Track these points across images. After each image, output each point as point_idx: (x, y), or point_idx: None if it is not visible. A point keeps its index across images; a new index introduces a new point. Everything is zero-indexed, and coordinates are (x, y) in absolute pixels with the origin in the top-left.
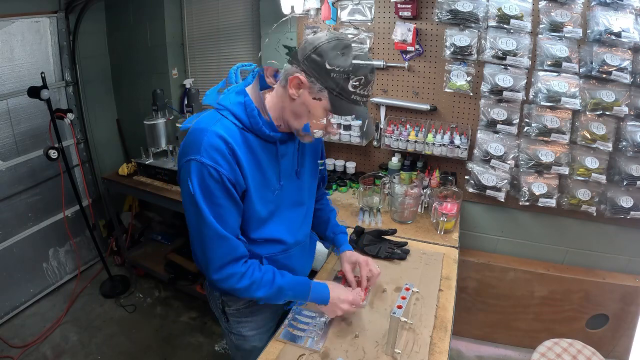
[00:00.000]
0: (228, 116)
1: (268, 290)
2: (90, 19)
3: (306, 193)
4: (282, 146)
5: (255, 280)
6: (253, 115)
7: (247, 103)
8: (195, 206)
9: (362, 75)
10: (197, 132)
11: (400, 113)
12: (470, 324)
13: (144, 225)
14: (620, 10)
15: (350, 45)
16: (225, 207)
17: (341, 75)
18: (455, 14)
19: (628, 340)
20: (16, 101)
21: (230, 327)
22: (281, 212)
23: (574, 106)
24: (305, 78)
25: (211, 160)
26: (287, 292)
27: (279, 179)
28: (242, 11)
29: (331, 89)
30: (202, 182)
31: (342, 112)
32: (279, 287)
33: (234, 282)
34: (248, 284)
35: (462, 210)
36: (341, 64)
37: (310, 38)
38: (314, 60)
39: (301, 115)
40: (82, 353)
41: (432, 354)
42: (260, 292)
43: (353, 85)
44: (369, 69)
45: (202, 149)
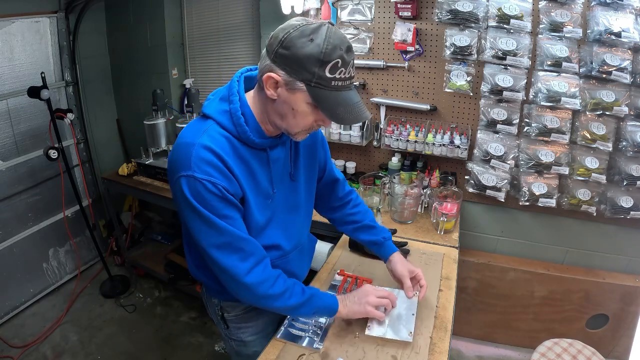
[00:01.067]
0: (213, 125)
1: (300, 298)
2: (90, 19)
3: (303, 195)
4: (272, 152)
5: (288, 287)
6: (240, 124)
7: (233, 111)
8: (203, 219)
9: (338, 57)
10: (183, 146)
11: (400, 113)
12: (470, 324)
13: (144, 225)
14: (620, 10)
15: (317, 28)
16: (231, 216)
17: (314, 62)
18: (455, 14)
19: (628, 340)
20: (16, 101)
21: (230, 333)
22: (277, 218)
23: (574, 106)
24: (279, 75)
25: (204, 174)
26: (317, 300)
27: (272, 185)
28: (242, 11)
29: (308, 80)
30: (200, 198)
31: (325, 103)
32: (311, 294)
33: (268, 286)
34: (282, 291)
35: (462, 210)
36: (311, 51)
37: (275, 31)
38: (283, 54)
39: (286, 114)
40: (82, 353)
41: (432, 354)
42: (293, 299)
43: (330, 71)
44: (344, 48)
45: (192, 163)
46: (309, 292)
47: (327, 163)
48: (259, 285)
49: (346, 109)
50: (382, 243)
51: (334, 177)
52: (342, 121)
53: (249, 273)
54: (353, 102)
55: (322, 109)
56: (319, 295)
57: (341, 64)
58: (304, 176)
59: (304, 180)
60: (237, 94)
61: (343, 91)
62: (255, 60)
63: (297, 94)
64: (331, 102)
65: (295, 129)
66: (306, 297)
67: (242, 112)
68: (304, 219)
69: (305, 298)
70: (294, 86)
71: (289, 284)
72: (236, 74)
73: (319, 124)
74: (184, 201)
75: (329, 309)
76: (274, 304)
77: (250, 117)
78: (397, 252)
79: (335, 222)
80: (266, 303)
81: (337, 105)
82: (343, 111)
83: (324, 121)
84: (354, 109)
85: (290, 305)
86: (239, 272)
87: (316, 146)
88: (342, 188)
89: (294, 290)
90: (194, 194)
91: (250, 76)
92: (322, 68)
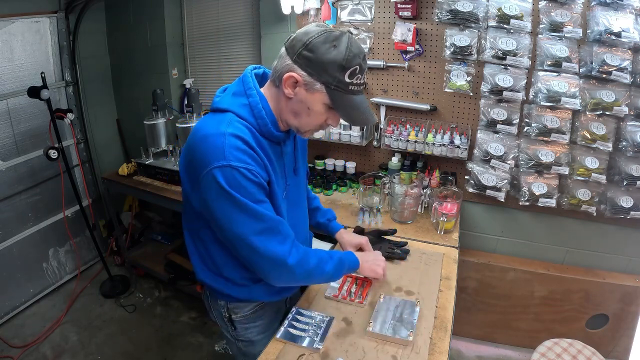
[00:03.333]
0: (234, 117)
1: (332, 264)
2: (90, 19)
3: (303, 189)
4: (284, 146)
5: (319, 257)
6: (261, 117)
7: (253, 104)
8: (242, 208)
9: (357, 64)
10: (212, 137)
11: (400, 113)
12: (470, 324)
13: (144, 225)
14: (620, 10)
15: (339, 37)
16: (266, 201)
17: (336, 68)
18: (455, 14)
19: (628, 340)
20: (16, 101)
21: (237, 334)
22: (290, 212)
23: (574, 106)
24: (300, 76)
25: (240, 162)
26: (345, 260)
27: (285, 178)
28: (242, 11)
29: (328, 83)
30: (238, 186)
31: (342, 104)
32: (339, 258)
33: (306, 262)
34: (317, 262)
35: (462, 210)
36: (335, 57)
37: (298, 34)
38: (306, 56)
39: (300, 112)
40: (82, 353)
41: (432, 354)
42: (327, 266)
43: (349, 76)
44: (362, 56)
45: (226, 153)
46: (337, 255)
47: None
48: (301, 263)
49: (359, 111)
50: (328, 224)
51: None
52: (354, 122)
53: (290, 254)
54: (364, 105)
55: (339, 110)
56: (344, 255)
57: (359, 70)
58: (302, 171)
59: (303, 175)
60: (253, 88)
61: (357, 95)
62: (255, 60)
63: (315, 95)
64: (347, 104)
65: (306, 127)
66: (336, 260)
67: (262, 106)
68: (305, 213)
69: (336, 262)
70: (313, 87)
71: (318, 254)
72: (247, 70)
73: (328, 123)
74: (219, 193)
75: (355, 264)
76: (314, 276)
77: (268, 110)
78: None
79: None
80: (309, 278)
81: (352, 108)
82: (357, 114)
83: (334, 121)
84: (365, 112)
85: (327, 272)
86: (283, 255)
87: (306, 143)
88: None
89: (324, 258)
90: (233, 183)
91: (257, 74)
92: (343, 73)
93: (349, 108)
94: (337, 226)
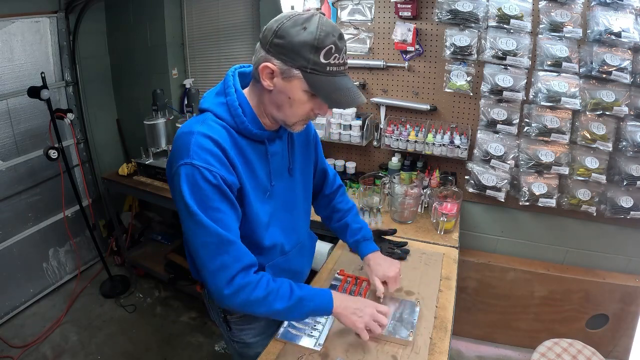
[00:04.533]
0: (210, 116)
1: (287, 302)
2: (90, 19)
3: (300, 191)
4: (271, 145)
5: (271, 290)
6: (237, 114)
7: (230, 102)
8: (191, 214)
9: (331, 43)
10: (183, 136)
11: (400, 113)
12: (470, 324)
13: (144, 225)
14: (620, 10)
15: (309, 18)
16: (224, 211)
17: (308, 49)
18: (455, 14)
19: (628, 340)
20: (16, 101)
21: (232, 335)
22: (277, 215)
23: (574, 106)
24: (275, 65)
25: (202, 162)
26: (308, 303)
27: (270, 179)
28: (242, 11)
29: (303, 67)
30: (195, 186)
31: (322, 88)
32: (299, 297)
33: (248, 292)
34: (264, 295)
35: (462, 210)
36: (305, 38)
37: (269, 24)
38: (277, 44)
39: (282, 104)
40: (82, 353)
41: (432, 354)
42: (278, 303)
43: (324, 56)
44: (337, 34)
45: (190, 151)
46: (298, 295)
47: (320, 159)
48: (237, 293)
49: (342, 93)
50: (356, 246)
51: (325, 174)
52: (339, 105)
53: (230, 283)
54: (348, 86)
55: (319, 93)
56: (310, 296)
57: (334, 49)
58: (301, 172)
59: (301, 176)
60: (232, 87)
61: (338, 77)
62: None
63: (293, 82)
64: (327, 87)
65: (292, 119)
66: (294, 300)
67: (239, 104)
68: (302, 216)
69: (293, 302)
70: (290, 74)
71: (272, 287)
72: (230, 70)
73: (316, 112)
74: (179, 194)
75: (323, 310)
76: (258, 310)
77: (247, 108)
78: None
79: (324, 220)
80: (249, 309)
81: (334, 89)
82: (339, 95)
83: (320, 109)
84: (349, 93)
85: (277, 310)
86: (219, 281)
87: (310, 143)
88: (330, 185)
89: (280, 294)
90: (191, 182)
91: (244, 72)
92: (317, 54)
93: (331, 90)
94: (365, 249)
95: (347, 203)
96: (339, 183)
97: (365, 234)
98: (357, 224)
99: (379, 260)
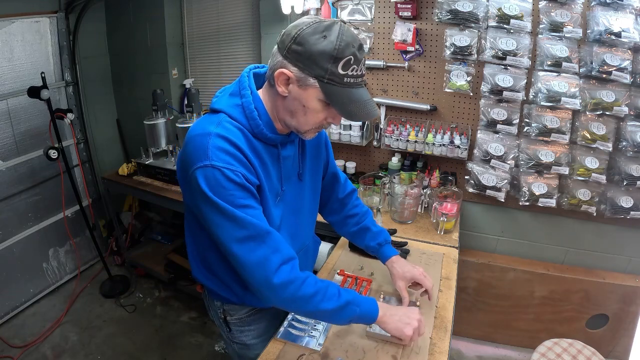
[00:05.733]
0: (225, 118)
1: (335, 303)
2: (90, 19)
3: (308, 196)
4: (283, 149)
5: (320, 289)
6: (253, 117)
7: (246, 105)
8: (221, 210)
9: (350, 54)
10: (198, 137)
11: (400, 113)
12: (470, 324)
13: (144, 225)
14: (620, 10)
15: (330, 26)
16: (252, 206)
17: (327, 59)
18: (455, 14)
19: (628, 340)
20: (16, 101)
21: (232, 336)
22: (285, 219)
23: (574, 106)
24: (291, 72)
25: (223, 162)
26: (355, 308)
27: (281, 183)
28: (242, 11)
29: (320, 77)
30: (218, 186)
31: (337, 99)
32: (347, 301)
33: (296, 287)
34: (312, 292)
35: (462, 210)
36: (325, 47)
37: (288, 28)
38: (295, 50)
39: (296, 111)
40: (82, 353)
41: (432, 354)
42: (326, 304)
43: (343, 67)
44: (356, 45)
45: (209, 153)
46: (346, 298)
47: (330, 163)
48: (286, 286)
49: (357, 105)
50: (378, 249)
51: (336, 178)
52: (353, 117)
53: (277, 272)
54: (364, 99)
55: (334, 104)
56: (357, 301)
57: (353, 61)
58: (310, 177)
59: (310, 180)
60: (248, 88)
61: (354, 88)
62: (255, 60)
63: (309, 90)
64: (343, 98)
65: (305, 127)
66: (342, 303)
67: (255, 106)
68: (309, 220)
69: (341, 304)
70: (306, 82)
71: (320, 286)
72: (245, 70)
73: (329, 121)
74: (201, 195)
75: (368, 316)
76: (305, 307)
77: (262, 111)
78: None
79: (335, 225)
80: (296, 306)
81: (349, 101)
82: (354, 108)
83: (334, 119)
84: (365, 106)
85: (324, 310)
86: (267, 271)
87: (321, 146)
88: (342, 189)
89: (327, 294)
90: (212, 184)
91: (258, 73)
92: (335, 64)
93: (346, 102)
94: (388, 252)
95: (362, 207)
96: (352, 187)
97: (386, 237)
98: (377, 227)
99: (402, 262)
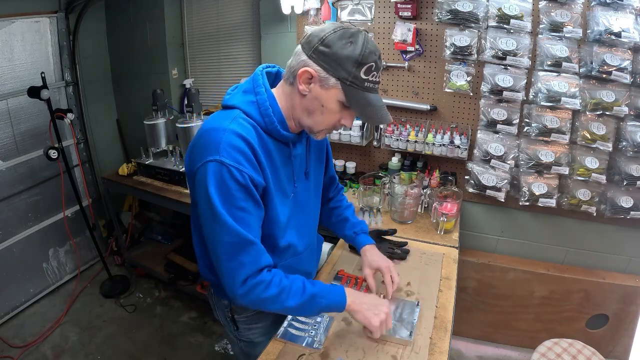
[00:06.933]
0: (240, 114)
1: (300, 299)
2: (90, 19)
3: (314, 194)
4: (294, 148)
5: (284, 287)
6: (268, 114)
7: (261, 102)
8: (214, 212)
9: (372, 61)
10: (213, 131)
11: (400, 113)
12: (470, 324)
13: (144, 225)
14: (620, 10)
15: (356, 34)
16: (248, 210)
17: (352, 63)
18: (455, 14)
19: (628, 340)
20: (16, 101)
21: (239, 334)
22: (294, 217)
23: (574, 106)
24: (315, 71)
25: (232, 160)
26: (321, 300)
27: (293, 181)
28: (242, 11)
29: (344, 79)
30: (222, 183)
31: (357, 101)
32: (312, 295)
33: (260, 291)
34: (277, 292)
35: (462, 210)
36: (351, 52)
37: (314, 30)
38: (323, 51)
39: (314, 111)
40: (82, 353)
41: (432, 354)
42: (290, 300)
43: (365, 72)
44: (377, 54)
45: (221, 148)
46: (310, 291)
47: (329, 166)
48: (250, 292)
49: (374, 109)
50: (354, 237)
51: (332, 181)
52: (371, 120)
53: (244, 283)
54: (380, 104)
55: (353, 106)
56: (323, 293)
57: (374, 67)
58: (315, 175)
59: (315, 179)
60: (262, 86)
61: (372, 93)
62: (255, 60)
63: (330, 91)
64: (362, 101)
65: (319, 127)
66: (306, 297)
67: (270, 104)
68: (314, 218)
69: (306, 299)
70: (328, 83)
71: (284, 285)
72: (258, 69)
73: (342, 123)
74: (203, 189)
75: (336, 306)
76: (270, 307)
77: (276, 109)
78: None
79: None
80: (264, 306)
81: (367, 104)
82: (372, 111)
83: (347, 121)
84: (381, 110)
85: (289, 307)
86: (235, 280)
87: (323, 148)
88: (334, 188)
89: (292, 291)
90: (217, 179)
91: (270, 72)
92: (359, 69)
93: (365, 105)
94: (362, 241)
95: (346, 201)
96: (341, 186)
97: (363, 227)
98: (356, 219)
99: (374, 252)
